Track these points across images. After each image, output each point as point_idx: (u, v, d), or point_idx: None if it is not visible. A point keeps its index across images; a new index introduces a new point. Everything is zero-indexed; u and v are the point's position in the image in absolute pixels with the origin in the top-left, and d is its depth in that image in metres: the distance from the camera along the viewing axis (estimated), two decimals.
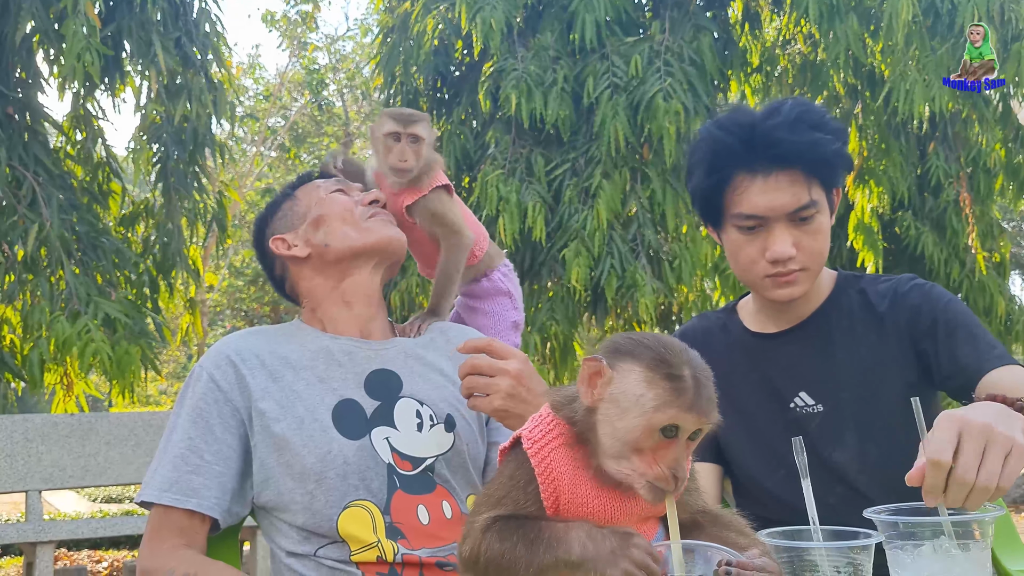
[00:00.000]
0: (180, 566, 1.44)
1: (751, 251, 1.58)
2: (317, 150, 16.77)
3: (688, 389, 1.06)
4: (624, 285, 5.66)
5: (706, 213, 1.66)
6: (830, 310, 1.66)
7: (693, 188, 1.66)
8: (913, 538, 1.06)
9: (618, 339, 1.13)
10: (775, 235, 1.55)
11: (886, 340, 1.62)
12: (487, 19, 5.72)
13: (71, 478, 4.58)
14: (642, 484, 1.07)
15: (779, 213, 1.54)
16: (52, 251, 4.86)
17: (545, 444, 1.12)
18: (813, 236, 1.56)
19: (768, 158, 1.54)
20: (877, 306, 1.64)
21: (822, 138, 1.55)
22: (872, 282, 1.69)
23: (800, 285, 1.58)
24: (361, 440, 1.50)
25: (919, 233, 6.44)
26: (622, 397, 1.07)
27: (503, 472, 1.14)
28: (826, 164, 1.56)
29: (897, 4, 5.59)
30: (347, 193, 1.68)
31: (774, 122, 1.56)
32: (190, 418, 1.52)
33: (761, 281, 1.59)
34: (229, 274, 16.31)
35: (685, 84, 5.67)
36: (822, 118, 1.59)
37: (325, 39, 18.18)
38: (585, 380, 1.10)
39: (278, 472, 1.49)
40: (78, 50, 4.64)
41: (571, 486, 1.11)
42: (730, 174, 1.57)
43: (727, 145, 1.57)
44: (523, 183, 5.77)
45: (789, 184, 1.53)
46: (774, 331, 1.69)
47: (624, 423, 1.06)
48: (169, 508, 1.48)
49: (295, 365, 1.55)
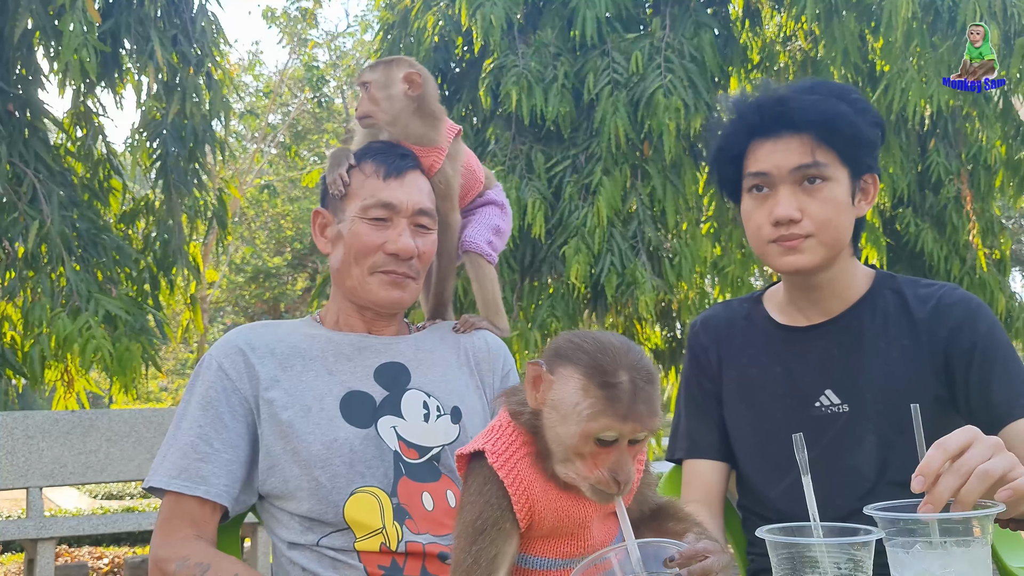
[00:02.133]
0: (193, 555, 1.45)
1: (758, 216, 1.56)
2: (317, 147, 16.76)
3: (623, 397, 1.03)
4: (624, 282, 5.66)
5: (725, 184, 1.64)
6: (864, 308, 1.61)
7: (712, 158, 1.65)
8: (913, 535, 1.06)
9: (560, 342, 1.10)
10: (780, 196, 1.53)
11: (920, 347, 1.57)
12: (487, 15, 5.71)
13: (72, 475, 4.59)
14: (587, 487, 1.07)
15: (783, 171, 1.52)
16: (53, 248, 4.86)
17: (509, 457, 1.10)
18: (821, 204, 1.52)
19: (775, 117, 1.53)
20: (915, 311, 1.59)
21: (830, 100, 1.53)
22: (911, 285, 1.63)
23: (806, 254, 1.53)
24: (368, 429, 1.51)
25: (919, 230, 6.44)
26: (561, 404, 1.06)
27: (471, 489, 1.12)
28: (835, 130, 1.52)
29: (896, 1, 5.58)
30: (383, 227, 1.57)
31: (789, 88, 1.57)
32: (200, 406, 1.53)
33: (767, 247, 1.56)
34: (229, 271, 16.31)
35: (686, 81, 5.66)
36: (843, 91, 1.58)
37: (325, 35, 18.17)
38: (529, 383, 1.09)
39: (284, 459, 1.50)
40: (75, 46, 4.64)
41: (543, 494, 1.10)
42: (746, 141, 1.57)
43: (742, 115, 1.58)
44: (523, 180, 5.76)
45: (797, 146, 1.52)
46: (804, 325, 1.64)
47: (563, 429, 1.06)
48: (181, 496, 1.49)
49: (305, 356, 1.57)
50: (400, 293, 1.58)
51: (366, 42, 14.98)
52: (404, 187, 1.58)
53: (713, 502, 1.67)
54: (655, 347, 6.98)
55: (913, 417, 1.17)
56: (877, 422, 1.54)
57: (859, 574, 1.02)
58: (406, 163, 1.60)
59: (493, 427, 1.14)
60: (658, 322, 6.80)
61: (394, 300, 1.59)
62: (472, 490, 1.11)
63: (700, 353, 1.72)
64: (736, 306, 1.75)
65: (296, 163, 16.52)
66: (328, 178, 1.61)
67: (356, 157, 1.62)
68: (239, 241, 16.04)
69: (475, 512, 1.08)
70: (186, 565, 1.44)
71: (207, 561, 1.44)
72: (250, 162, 15.98)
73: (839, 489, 1.50)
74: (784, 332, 1.65)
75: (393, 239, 1.56)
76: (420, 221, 1.59)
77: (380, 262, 1.56)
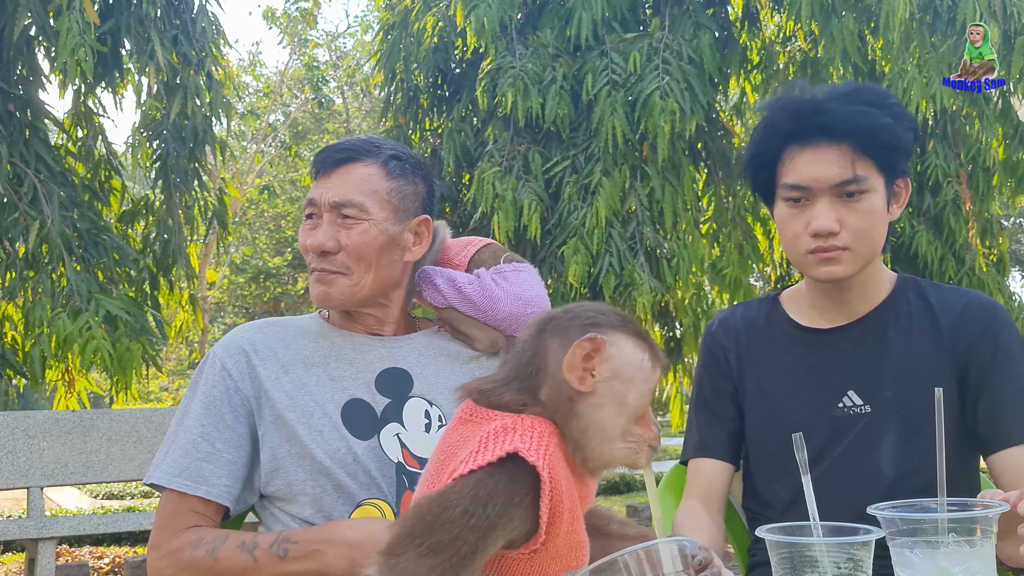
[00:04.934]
0: (206, 535, 1.46)
1: (796, 226, 1.55)
2: (317, 147, 16.75)
3: (656, 347, 1.06)
4: (622, 283, 5.66)
5: (759, 187, 1.63)
6: (887, 309, 1.62)
7: (746, 163, 1.63)
8: (916, 534, 1.05)
9: (567, 318, 1.06)
10: (818, 208, 1.52)
11: (942, 353, 1.57)
12: (480, 17, 5.71)
13: (73, 474, 4.59)
14: (644, 450, 1.05)
15: (823, 185, 1.51)
16: (53, 248, 4.86)
17: (546, 455, 1.00)
18: (860, 216, 1.52)
19: (815, 127, 1.52)
20: (940, 316, 1.60)
21: (872, 111, 1.51)
22: (935, 289, 1.64)
23: (843, 265, 1.54)
24: (370, 440, 1.50)
25: (915, 231, 6.44)
26: (624, 369, 1.03)
27: (485, 485, 0.96)
28: (875, 140, 1.51)
29: (894, 2, 5.59)
30: (314, 226, 1.55)
31: (826, 95, 1.55)
32: (202, 405, 1.53)
33: (805, 258, 1.55)
34: (230, 271, 16.31)
35: (683, 83, 5.66)
36: (881, 97, 1.56)
37: (326, 36, 18.17)
38: (578, 364, 1.02)
39: (288, 462, 1.49)
40: (72, 47, 4.64)
41: (568, 489, 1.04)
42: (781, 147, 1.56)
43: (778, 119, 1.56)
44: (520, 181, 5.76)
45: (837, 158, 1.51)
46: (827, 327, 1.64)
47: (634, 392, 1.03)
48: (183, 495, 1.49)
49: (307, 360, 1.56)
50: (325, 289, 1.54)
51: (366, 42, 14.98)
52: (328, 182, 1.55)
53: (715, 501, 1.67)
54: None
55: (936, 401, 1.17)
56: (897, 422, 1.55)
57: (859, 574, 1.02)
58: (340, 156, 1.56)
59: (505, 428, 1.01)
60: (656, 322, 6.80)
61: (319, 296, 1.55)
62: (487, 487, 0.97)
63: (718, 353, 1.73)
64: (755, 308, 1.75)
65: (296, 163, 16.52)
66: None
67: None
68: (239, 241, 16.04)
69: (495, 513, 0.96)
70: (202, 543, 1.44)
71: (224, 534, 1.45)
72: (250, 162, 15.97)
73: (860, 489, 1.51)
74: (807, 334, 1.65)
75: (313, 236, 1.54)
76: (342, 213, 1.53)
77: (311, 261, 1.56)
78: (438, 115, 6.78)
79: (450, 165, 6.16)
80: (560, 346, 1.05)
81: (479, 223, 5.75)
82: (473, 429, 1.05)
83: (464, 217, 6.12)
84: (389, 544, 0.96)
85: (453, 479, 0.98)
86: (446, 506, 0.95)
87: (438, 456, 1.11)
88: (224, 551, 1.42)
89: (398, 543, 0.95)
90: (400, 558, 0.93)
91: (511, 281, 1.61)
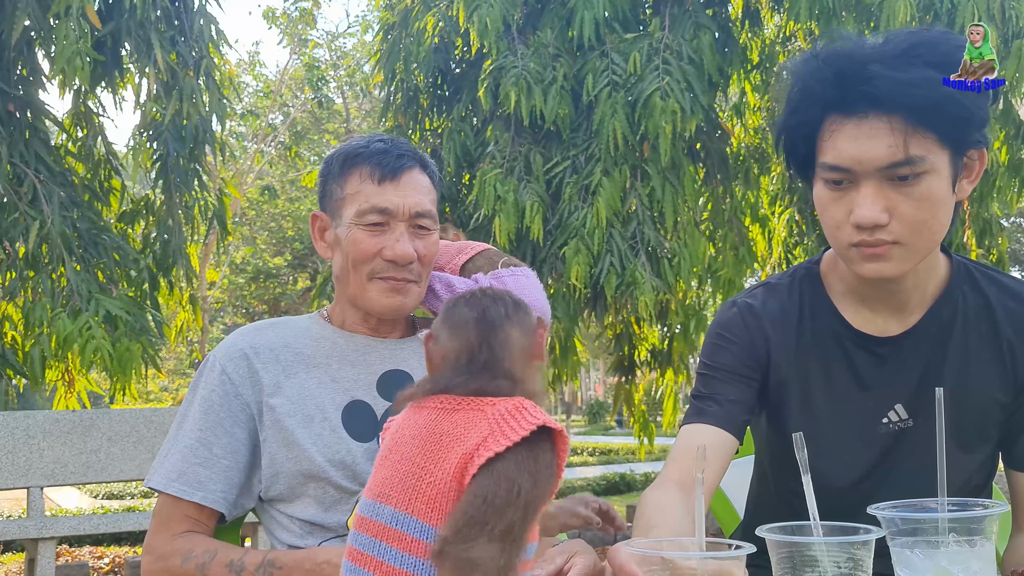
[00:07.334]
0: (198, 547, 1.46)
1: (837, 212, 1.30)
2: (317, 147, 16.76)
3: None
4: (624, 283, 5.66)
5: (793, 161, 1.38)
6: (943, 309, 1.41)
7: (779, 131, 1.37)
8: (916, 534, 1.05)
9: (497, 302, 1.06)
10: (863, 194, 1.26)
11: (1000, 367, 1.41)
12: (483, 17, 5.72)
13: (73, 474, 4.60)
14: None
15: (868, 167, 1.25)
16: (53, 248, 4.86)
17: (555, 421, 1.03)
18: (915, 203, 1.26)
19: (861, 97, 1.24)
20: (1000, 323, 1.40)
21: (930, 77, 1.21)
22: (991, 283, 1.43)
23: (893, 262, 1.30)
24: (369, 443, 1.51)
25: None
26: None
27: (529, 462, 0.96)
28: (935, 113, 1.22)
29: (895, 4, 5.59)
30: (380, 232, 1.52)
31: (875, 53, 1.26)
32: (201, 409, 1.53)
33: (848, 251, 1.32)
34: (230, 271, 16.32)
35: (683, 83, 5.66)
36: (946, 54, 1.24)
37: (326, 36, 18.17)
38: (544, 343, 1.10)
39: (288, 467, 1.50)
40: (68, 54, 4.66)
41: None
42: (821, 116, 1.29)
43: (818, 81, 1.29)
44: (521, 182, 5.77)
45: (887, 133, 1.23)
46: (880, 335, 1.42)
47: None
48: (178, 499, 1.49)
49: (308, 363, 1.55)
50: (401, 299, 1.54)
51: (366, 42, 14.98)
52: (400, 189, 1.51)
53: (711, 473, 1.41)
54: (653, 347, 6.99)
55: (937, 401, 1.12)
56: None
57: (859, 573, 1.02)
58: (402, 163, 1.53)
59: (515, 405, 1.00)
60: (657, 322, 6.80)
61: (395, 306, 1.54)
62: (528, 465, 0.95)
63: (744, 336, 1.47)
64: (785, 294, 1.48)
65: (296, 163, 16.52)
66: None
67: (352, 158, 1.55)
68: (240, 241, 16.05)
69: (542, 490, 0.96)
70: (192, 556, 1.45)
71: (213, 548, 1.46)
72: (250, 162, 15.97)
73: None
74: (861, 341, 1.43)
75: (390, 245, 1.50)
76: (419, 223, 1.53)
77: (379, 268, 1.51)
78: (438, 115, 6.78)
79: (450, 165, 6.16)
80: (522, 333, 1.05)
81: (480, 224, 5.75)
82: (471, 416, 1.02)
83: (464, 217, 6.12)
84: (456, 531, 0.93)
85: (485, 461, 0.95)
86: (509, 488, 0.94)
87: (425, 447, 1.04)
88: (212, 569, 1.43)
89: (468, 529, 0.93)
90: (473, 544, 0.92)
91: (509, 286, 1.60)
